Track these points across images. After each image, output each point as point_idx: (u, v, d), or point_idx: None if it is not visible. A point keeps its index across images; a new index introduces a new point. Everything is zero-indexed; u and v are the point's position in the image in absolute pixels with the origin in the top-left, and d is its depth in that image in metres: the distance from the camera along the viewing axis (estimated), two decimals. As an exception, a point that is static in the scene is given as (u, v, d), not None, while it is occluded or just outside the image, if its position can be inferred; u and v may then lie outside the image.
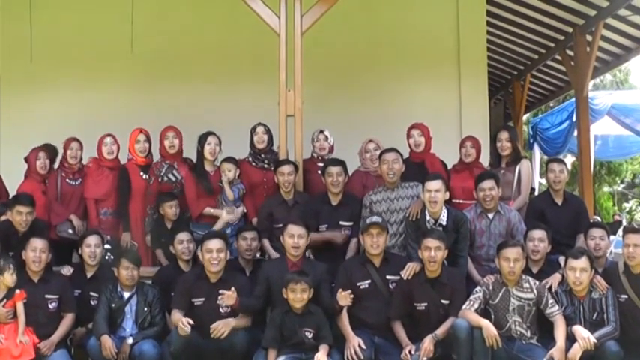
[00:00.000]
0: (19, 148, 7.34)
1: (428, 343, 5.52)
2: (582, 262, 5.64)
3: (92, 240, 6.27)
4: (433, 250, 5.68)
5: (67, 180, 7.05)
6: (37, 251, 5.88)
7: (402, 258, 6.14)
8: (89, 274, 6.28)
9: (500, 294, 5.69)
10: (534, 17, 10.77)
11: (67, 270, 6.25)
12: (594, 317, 5.65)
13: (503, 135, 7.11)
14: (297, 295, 5.54)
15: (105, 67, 9.23)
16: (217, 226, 6.63)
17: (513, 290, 5.68)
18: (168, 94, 9.12)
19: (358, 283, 5.88)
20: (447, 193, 6.23)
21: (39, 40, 9.05)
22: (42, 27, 9.07)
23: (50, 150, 7.18)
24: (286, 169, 6.56)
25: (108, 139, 7.04)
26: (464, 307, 5.62)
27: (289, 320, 5.59)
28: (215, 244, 5.82)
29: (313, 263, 6.06)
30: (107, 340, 5.60)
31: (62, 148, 7.12)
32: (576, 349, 5.38)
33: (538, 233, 6.13)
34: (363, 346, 5.56)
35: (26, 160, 7.11)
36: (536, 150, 14.17)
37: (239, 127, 7.29)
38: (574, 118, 11.09)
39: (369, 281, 5.90)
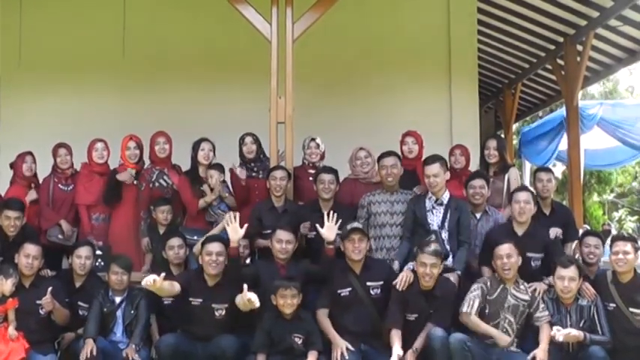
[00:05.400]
0: (13, 153, 7.31)
1: (410, 358, 5.55)
2: (571, 271, 5.65)
3: (83, 252, 6.20)
4: (429, 267, 5.63)
5: (60, 185, 7.07)
6: (29, 258, 5.88)
7: (383, 263, 6.15)
8: (77, 284, 6.24)
9: (499, 290, 5.72)
10: (525, 26, 10.81)
11: (45, 272, 6.21)
12: (582, 324, 5.66)
13: (492, 143, 7.20)
14: (288, 301, 5.57)
15: (96, 73, 9.21)
16: (216, 230, 6.58)
17: (511, 289, 5.73)
18: (160, 100, 9.11)
19: (339, 291, 5.89)
20: (448, 173, 6.25)
21: (30, 45, 9.04)
22: (33, 32, 9.06)
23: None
24: (278, 173, 6.58)
25: (99, 145, 7.05)
26: (464, 309, 5.67)
27: (279, 326, 5.61)
28: (215, 247, 5.84)
29: (297, 262, 6.10)
30: (90, 345, 5.56)
31: (51, 154, 7.14)
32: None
33: (523, 195, 6.19)
34: (351, 348, 5.60)
35: (11, 166, 7.12)
36: (527, 162, 14.22)
37: (230, 132, 7.28)
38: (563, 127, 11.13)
39: (349, 289, 5.88)
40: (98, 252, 6.54)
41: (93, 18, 9.30)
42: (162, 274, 5.45)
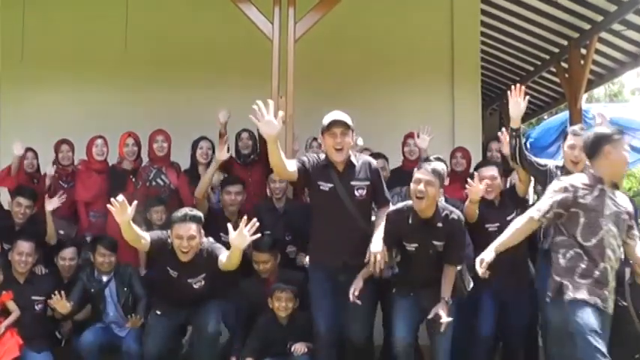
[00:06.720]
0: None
1: (443, 309, 4.80)
2: (580, 140, 5.16)
3: (67, 254, 6.31)
4: (423, 184, 4.76)
5: (60, 181, 7.11)
6: (22, 255, 5.93)
7: (368, 162, 5.25)
8: (65, 280, 6.29)
9: (596, 193, 4.39)
10: (530, 29, 10.80)
11: (38, 269, 6.22)
12: None
13: (494, 145, 7.20)
14: (282, 304, 5.53)
15: (98, 69, 9.19)
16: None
17: (608, 192, 4.43)
18: (161, 95, 9.06)
19: (319, 182, 5.08)
20: (441, 190, 5.03)
21: (32, 39, 9.04)
22: (35, 26, 9.07)
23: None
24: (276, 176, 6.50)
25: (99, 141, 7.09)
26: (532, 214, 4.43)
27: (273, 330, 5.58)
28: (186, 229, 5.27)
29: (289, 273, 5.98)
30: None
31: (53, 150, 7.17)
32: None
33: (490, 170, 5.82)
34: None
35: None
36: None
37: (230, 131, 7.32)
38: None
39: (331, 185, 5.05)
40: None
41: (95, 14, 9.27)
42: (135, 203, 5.06)
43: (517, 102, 5.56)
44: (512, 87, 5.60)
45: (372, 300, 5.20)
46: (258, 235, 4.99)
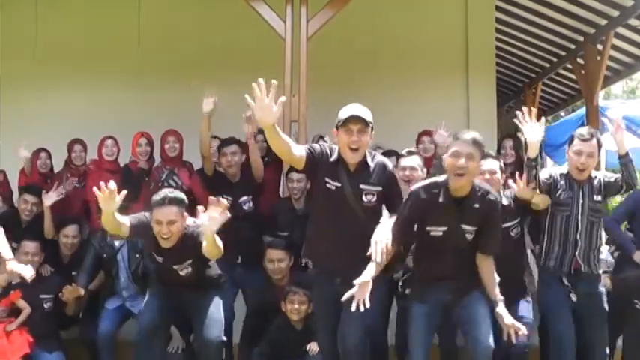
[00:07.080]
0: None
1: (508, 317, 4.29)
2: (591, 146, 4.98)
3: (70, 231, 6.38)
4: (464, 159, 4.19)
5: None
6: (28, 255, 5.93)
7: (383, 167, 4.57)
8: (66, 260, 6.38)
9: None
10: (545, 25, 10.71)
11: (44, 270, 6.18)
12: (596, 198, 5.12)
13: (508, 143, 7.14)
14: (295, 306, 5.43)
15: (110, 66, 9.21)
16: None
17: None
18: (173, 94, 9.04)
19: (327, 179, 4.47)
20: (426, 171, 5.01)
21: (43, 36, 9.07)
22: (46, 23, 9.09)
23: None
24: (295, 175, 6.38)
25: (109, 142, 7.09)
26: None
27: (287, 334, 5.49)
28: (165, 214, 4.82)
29: (302, 276, 5.68)
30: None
31: (66, 150, 7.19)
32: None
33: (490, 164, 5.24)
34: None
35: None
36: (548, 158, 14.04)
37: (242, 130, 7.27)
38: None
39: (338, 184, 4.45)
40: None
41: (107, 13, 9.32)
42: (123, 193, 4.60)
43: (532, 126, 4.90)
44: (520, 112, 4.91)
45: (375, 307, 4.31)
46: (227, 216, 4.52)
